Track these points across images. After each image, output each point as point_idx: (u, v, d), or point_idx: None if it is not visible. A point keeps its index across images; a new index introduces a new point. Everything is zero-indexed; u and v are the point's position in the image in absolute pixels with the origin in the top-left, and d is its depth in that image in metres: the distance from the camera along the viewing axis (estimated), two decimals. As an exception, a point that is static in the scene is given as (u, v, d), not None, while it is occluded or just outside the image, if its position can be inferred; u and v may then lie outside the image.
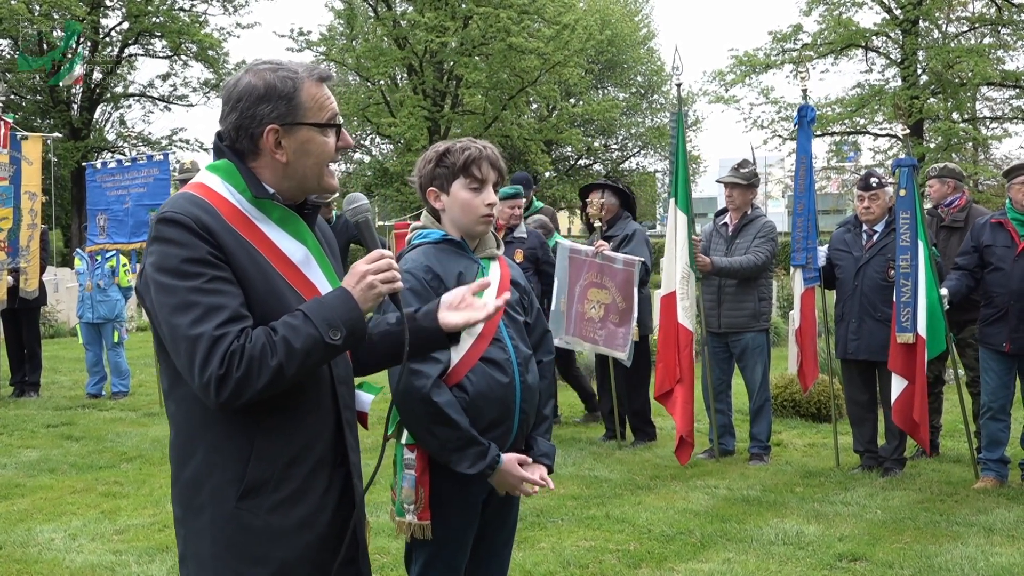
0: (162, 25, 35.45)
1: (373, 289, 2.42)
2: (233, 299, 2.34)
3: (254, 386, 2.29)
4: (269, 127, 2.46)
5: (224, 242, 2.37)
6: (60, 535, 6.19)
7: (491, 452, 3.26)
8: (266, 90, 2.47)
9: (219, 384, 2.27)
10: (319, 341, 2.33)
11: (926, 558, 5.61)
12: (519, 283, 3.55)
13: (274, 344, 2.31)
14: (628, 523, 6.31)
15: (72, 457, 8.40)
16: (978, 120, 34.49)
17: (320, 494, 2.49)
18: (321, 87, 2.52)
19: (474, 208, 3.37)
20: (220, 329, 2.28)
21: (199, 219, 2.36)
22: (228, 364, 2.27)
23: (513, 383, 3.34)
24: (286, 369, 2.31)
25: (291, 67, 2.52)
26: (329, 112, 2.51)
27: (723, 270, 7.90)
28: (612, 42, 45.51)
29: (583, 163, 48.34)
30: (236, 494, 2.41)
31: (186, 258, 2.32)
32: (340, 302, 2.39)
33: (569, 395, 11.35)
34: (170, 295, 2.32)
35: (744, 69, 34.64)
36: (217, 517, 2.43)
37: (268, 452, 2.42)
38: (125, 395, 11.56)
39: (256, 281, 2.40)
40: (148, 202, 10.60)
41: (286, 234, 2.51)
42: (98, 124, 37.80)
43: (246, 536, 2.42)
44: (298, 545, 2.45)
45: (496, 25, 35.00)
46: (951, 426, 8.75)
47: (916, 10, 31.77)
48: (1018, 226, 7.10)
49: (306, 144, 2.49)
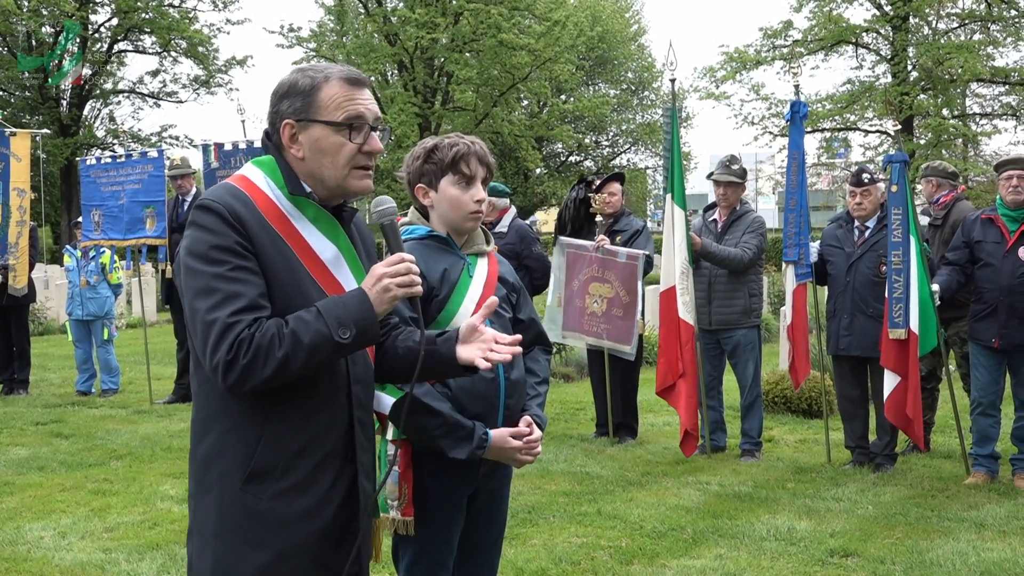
0: (151, 21, 35.28)
1: (388, 292, 2.45)
2: (253, 288, 2.41)
3: (260, 374, 2.36)
4: (285, 121, 2.55)
5: (255, 233, 2.45)
6: (49, 533, 6.16)
7: (477, 432, 3.26)
8: (289, 87, 2.57)
9: (226, 369, 2.35)
10: (328, 338, 2.38)
11: (917, 553, 5.62)
12: (508, 280, 3.54)
13: (283, 336, 2.37)
14: (620, 519, 6.30)
15: (61, 455, 8.36)
16: (968, 116, 34.62)
17: (326, 488, 2.53)
18: (348, 88, 2.55)
19: (463, 204, 3.36)
20: (234, 316, 2.36)
21: (233, 209, 2.45)
22: (236, 351, 2.34)
23: (497, 379, 3.33)
24: (292, 361, 2.36)
25: (322, 68, 2.59)
26: (346, 113, 2.53)
27: (711, 254, 7.89)
28: (603, 38, 45.49)
29: (574, 159, 48.36)
30: (242, 477, 2.47)
31: (214, 245, 2.42)
32: (355, 302, 2.43)
33: (562, 393, 11.36)
34: (195, 279, 2.42)
35: (735, 65, 34.69)
36: (223, 497, 2.50)
37: (277, 440, 2.48)
38: (115, 392, 11.52)
39: (282, 274, 2.47)
40: (143, 198, 10.55)
41: (319, 232, 2.58)
42: (87, 120, 37.67)
43: (248, 519, 2.48)
44: (298, 535, 2.50)
45: (487, 21, 35.01)
46: (942, 422, 8.76)
47: (906, 6, 31.84)
48: (1008, 222, 7.11)
49: (319, 142, 2.54)
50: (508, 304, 3.51)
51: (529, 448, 3.34)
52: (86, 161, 11.42)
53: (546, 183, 44.38)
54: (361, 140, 2.55)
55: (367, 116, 2.56)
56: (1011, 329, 7.00)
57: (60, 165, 34.34)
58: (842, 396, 7.85)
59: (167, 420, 9.84)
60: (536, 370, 3.57)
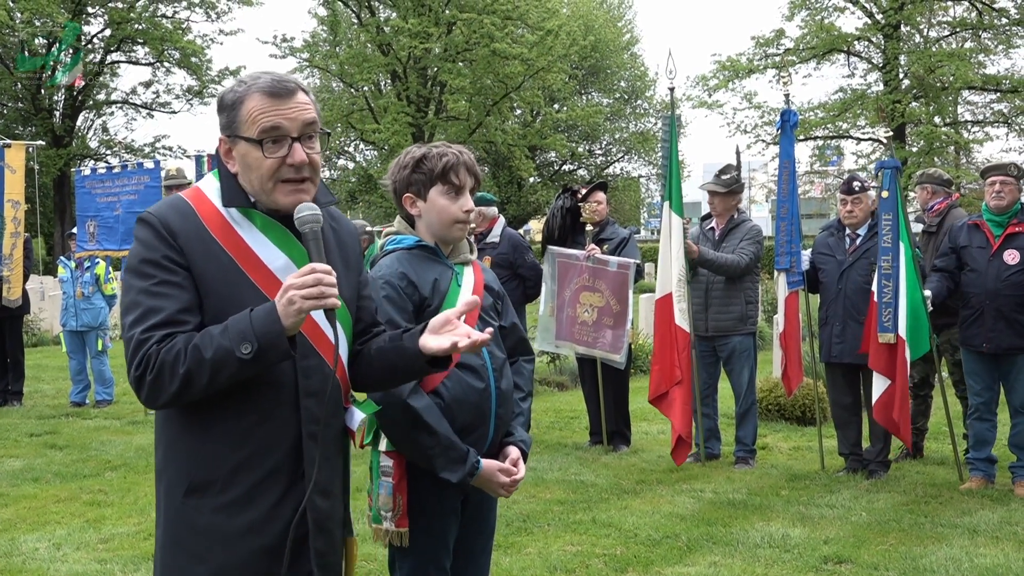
0: (144, 32, 35.33)
1: (292, 305, 2.32)
2: (173, 303, 2.38)
3: (166, 391, 2.34)
4: (220, 137, 2.53)
5: (188, 245, 2.42)
6: (44, 544, 6.15)
7: (471, 458, 3.26)
8: (219, 101, 2.54)
9: (137, 386, 2.36)
10: (230, 352, 2.31)
11: (911, 560, 5.63)
12: (493, 288, 3.54)
13: (186, 352, 2.32)
14: (614, 527, 6.32)
15: (56, 466, 8.35)
16: (960, 124, 34.70)
17: (271, 504, 2.47)
18: (267, 100, 2.46)
19: (451, 214, 3.34)
20: (146, 333, 2.35)
21: (166, 221, 2.43)
22: (144, 367, 2.34)
23: (488, 388, 3.34)
24: (195, 378, 2.32)
25: (251, 79, 2.51)
26: (260, 127, 2.45)
27: (708, 261, 7.92)
28: (596, 47, 45.64)
29: (567, 168, 48.43)
30: (183, 489, 2.47)
31: (144, 259, 2.42)
32: (261, 316, 2.34)
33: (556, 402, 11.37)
34: (126, 293, 2.43)
35: (727, 74, 34.73)
36: (169, 509, 2.50)
37: (215, 455, 2.45)
38: (109, 403, 11.51)
39: (217, 285, 2.43)
40: (139, 209, 10.46)
41: (268, 241, 2.52)
42: (81, 131, 37.67)
43: (190, 533, 2.47)
44: (241, 550, 2.46)
45: (480, 31, 35.07)
46: (935, 428, 8.79)
47: (898, 15, 31.94)
48: (993, 227, 7.16)
49: (244, 157, 2.49)
50: (495, 312, 3.51)
51: (512, 484, 3.37)
52: (81, 172, 11.44)
53: (539, 192, 44.41)
54: (281, 153, 2.45)
55: (286, 127, 2.45)
56: (998, 332, 7.05)
57: (53, 176, 34.32)
58: (835, 403, 7.87)
59: (162, 431, 9.82)
60: (520, 384, 3.56)
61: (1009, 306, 7.02)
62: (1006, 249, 7.07)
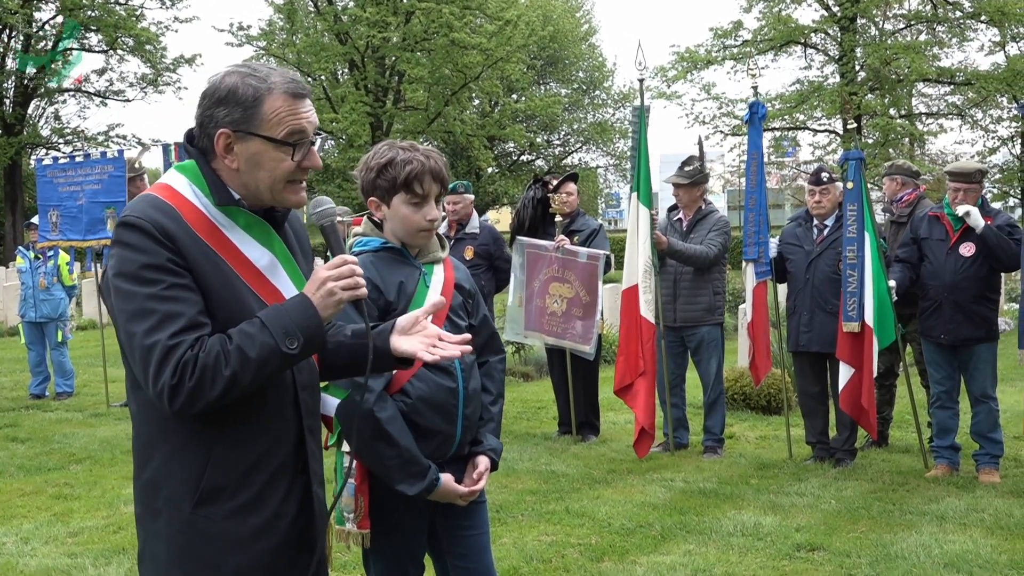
0: (98, 19, 34.71)
1: (333, 296, 2.35)
2: (191, 307, 2.30)
3: (208, 396, 2.26)
4: (221, 131, 2.40)
5: (186, 248, 2.33)
6: (12, 539, 6.07)
7: (430, 474, 3.21)
8: (228, 93, 2.41)
9: (172, 394, 2.25)
10: (275, 350, 2.29)
11: (882, 547, 5.71)
12: (464, 286, 3.48)
13: (228, 353, 2.26)
14: (588, 517, 6.34)
15: (19, 459, 8.24)
16: (914, 116, 35.12)
17: (279, 501, 2.46)
18: (291, 102, 2.42)
19: (414, 223, 3.29)
20: (174, 338, 2.25)
21: (160, 224, 2.32)
22: (181, 374, 2.24)
23: (457, 389, 3.30)
24: (241, 379, 2.27)
25: (265, 75, 2.43)
26: (287, 129, 2.41)
27: (677, 252, 7.96)
28: (554, 38, 45.56)
29: (525, 159, 48.40)
30: (192, 501, 2.39)
31: (145, 264, 2.29)
32: (299, 309, 2.33)
33: (522, 392, 11.39)
34: (128, 301, 2.29)
35: (686, 65, 34.91)
36: (173, 522, 2.41)
37: (226, 460, 2.40)
38: (69, 395, 11.36)
39: (218, 288, 2.36)
40: (104, 199, 10.37)
41: (252, 240, 2.47)
42: (32, 119, 37.01)
43: (202, 542, 2.40)
44: (254, 552, 2.43)
45: (438, 20, 34.93)
46: (899, 417, 8.90)
47: (854, 7, 32.27)
48: (953, 220, 7.26)
49: (256, 156, 2.41)
50: (464, 312, 3.45)
51: (470, 495, 3.33)
52: (42, 161, 11.23)
53: (498, 182, 44.35)
54: (301, 157, 2.45)
55: (308, 131, 2.45)
56: (956, 324, 7.15)
57: (4, 165, 33.73)
58: (802, 392, 7.95)
59: (125, 423, 9.71)
60: (490, 387, 3.49)
61: (966, 298, 7.12)
62: (963, 242, 7.17)
